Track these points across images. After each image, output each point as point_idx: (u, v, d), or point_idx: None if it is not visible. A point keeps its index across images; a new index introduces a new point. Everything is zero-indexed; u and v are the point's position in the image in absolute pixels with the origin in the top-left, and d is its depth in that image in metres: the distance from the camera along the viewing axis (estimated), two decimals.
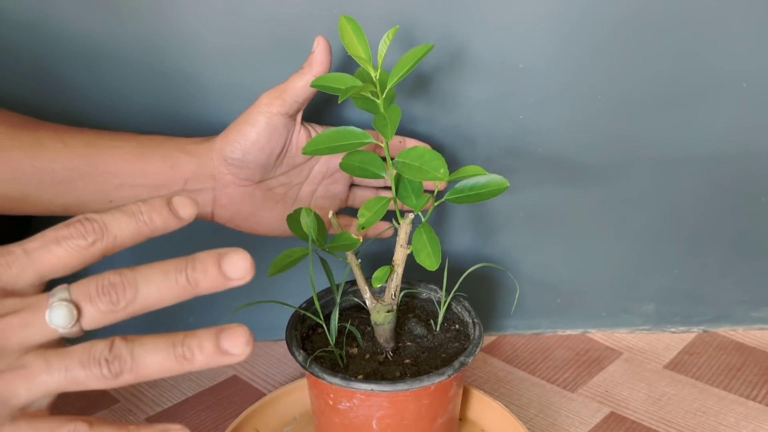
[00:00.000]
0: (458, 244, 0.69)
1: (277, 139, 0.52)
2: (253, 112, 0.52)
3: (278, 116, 0.51)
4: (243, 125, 0.52)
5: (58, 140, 0.50)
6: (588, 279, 0.72)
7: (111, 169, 0.51)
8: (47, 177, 0.49)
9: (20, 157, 0.48)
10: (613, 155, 0.66)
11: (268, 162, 0.53)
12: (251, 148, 0.52)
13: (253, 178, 0.54)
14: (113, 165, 0.51)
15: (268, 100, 0.51)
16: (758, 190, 0.68)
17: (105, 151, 0.51)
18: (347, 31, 0.46)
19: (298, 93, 0.51)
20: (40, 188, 0.49)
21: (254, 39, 0.59)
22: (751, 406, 0.63)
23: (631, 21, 0.60)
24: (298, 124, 0.53)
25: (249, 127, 0.52)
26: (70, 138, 0.50)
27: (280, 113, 0.51)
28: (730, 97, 0.63)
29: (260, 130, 0.51)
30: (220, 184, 0.53)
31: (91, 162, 0.50)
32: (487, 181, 0.48)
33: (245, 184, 0.54)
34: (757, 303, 0.73)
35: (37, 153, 0.49)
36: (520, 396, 0.65)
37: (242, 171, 0.53)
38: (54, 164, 0.49)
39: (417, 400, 0.48)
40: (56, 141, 0.50)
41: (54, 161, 0.49)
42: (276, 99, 0.51)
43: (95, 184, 0.51)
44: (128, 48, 0.59)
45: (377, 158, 0.49)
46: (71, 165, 0.50)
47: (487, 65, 0.61)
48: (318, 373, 0.48)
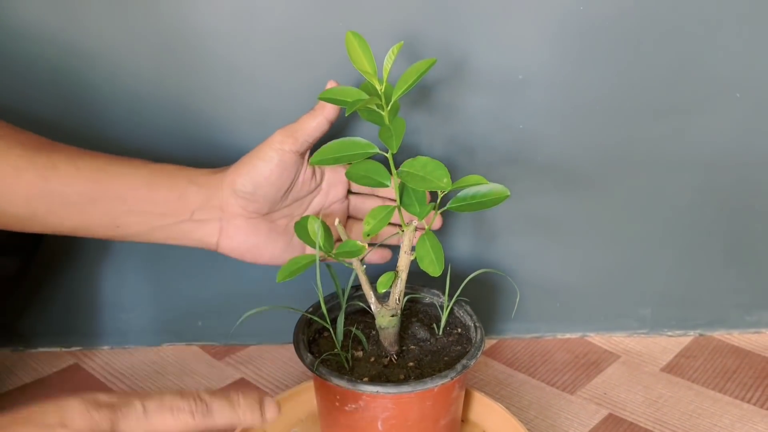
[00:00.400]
0: (460, 251, 0.70)
1: (287, 175, 0.54)
2: (266, 149, 0.54)
3: (290, 154, 0.53)
4: (256, 160, 0.54)
5: (71, 164, 0.51)
6: (586, 284, 0.73)
7: (120, 196, 0.52)
8: (58, 199, 0.50)
9: (34, 178, 0.50)
10: (611, 163, 0.67)
11: (276, 196, 0.55)
12: (263, 182, 0.54)
13: (260, 211, 0.55)
14: (123, 191, 0.52)
15: (282, 138, 0.53)
16: (752, 196, 0.69)
17: (116, 177, 0.52)
18: (353, 46, 0.48)
19: (309, 133, 0.53)
20: (50, 210, 0.51)
21: (263, 55, 0.61)
22: (746, 407, 0.64)
23: (628, 33, 0.61)
24: (306, 162, 0.56)
25: (262, 162, 0.53)
26: (83, 162, 0.52)
27: (292, 151, 0.53)
28: (725, 106, 0.65)
29: (273, 166, 0.53)
30: (227, 215, 0.55)
31: (101, 187, 0.52)
32: (488, 190, 0.49)
33: (252, 216, 0.55)
34: (751, 307, 0.74)
35: (51, 175, 0.50)
36: (521, 398, 0.66)
37: (251, 204, 0.55)
38: (66, 188, 0.51)
39: (421, 401, 0.50)
40: (69, 165, 0.51)
41: (66, 185, 0.51)
42: (289, 137, 0.53)
43: (104, 209, 0.52)
44: (143, 62, 0.61)
45: (382, 167, 0.51)
46: (82, 189, 0.51)
47: (487, 77, 0.63)
48: (325, 375, 0.49)
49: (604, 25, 0.61)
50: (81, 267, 0.70)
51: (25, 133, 0.52)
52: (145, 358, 0.72)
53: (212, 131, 0.64)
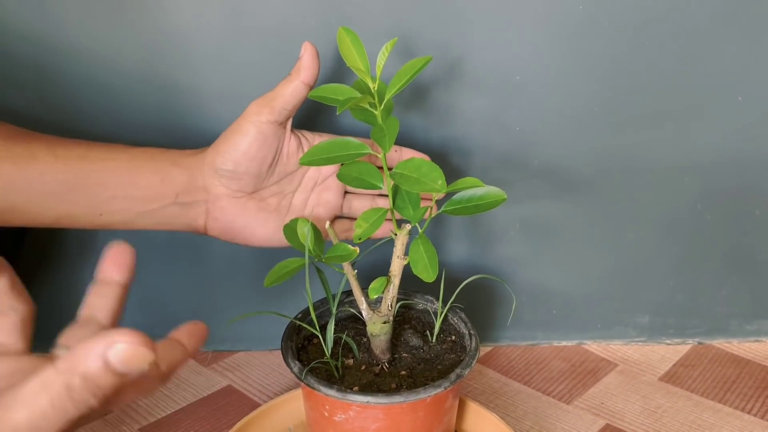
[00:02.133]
0: (454, 256, 0.69)
1: (268, 147, 0.52)
2: (242, 122, 0.51)
3: (268, 124, 0.51)
4: (232, 135, 0.52)
5: (49, 153, 0.50)
6: (583, 290, 0.72)
7: (102, 182, 0.51)
8: (38, 189, 0.49)
9: (11, 169, 0.48)
10: (609, 168, 0.66)
11: (260, 172, 0.53)
12: (242, 158, 0.52)
13: (246, 189, 0.53)
14: (104, 178, 0.51)
15: (257, 109, 0.51)
16: (752, 203, 0.68)
17: (96, 163, 0.51)
18: (346, 42, 0.46)
19: (287, 100, 0.51)
20: (30, 200, 0.49)
21: (253, 51, 0.59)
22: (747, 419, 0.63)
23: (628, 34, 0.60)
24: (288, 132, 0.53)
25: (239, 137, 0.51)
26: (62, 150, 0.50)
27: (270, 121, 0.51)
28: (726, 110, 0.64)
29: (250, 139, 0.51)
30: (212, 197, 0.53)
31: (82, 175, 0.50)
32: (484, 192, 0.48)
33: (238, 195, 0.53)
34: (751, 315, 0.73)
35: (28, 165, 0.49)
36: (516, 408, 0.64)
37: (234, 182, 0.53)
38: (45, 176, 0.49)
39: (413, 412, 0.48)
40: (48, 153, 0.49)
41: (45, 174, 0.49)
42: (264, 107, 0.51)
43: (86, 197, 0.50)
44: (127, 59, 0.59)
45: (375, 169, 0.49)
46: (62, 177, 0.50)
47: (484, 77, 0.61)
48: (313, 384, 0.48)
49: (603, 27, 0.60)
50: (62, 272, 0.68)
51: (1, 124, 0.50)
52: None
53: (199, 127, 0.62)
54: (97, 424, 0.62)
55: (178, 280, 0.70)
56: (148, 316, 0.71)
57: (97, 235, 0.67)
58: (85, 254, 0.68)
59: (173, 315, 0.71)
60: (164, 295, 0.70)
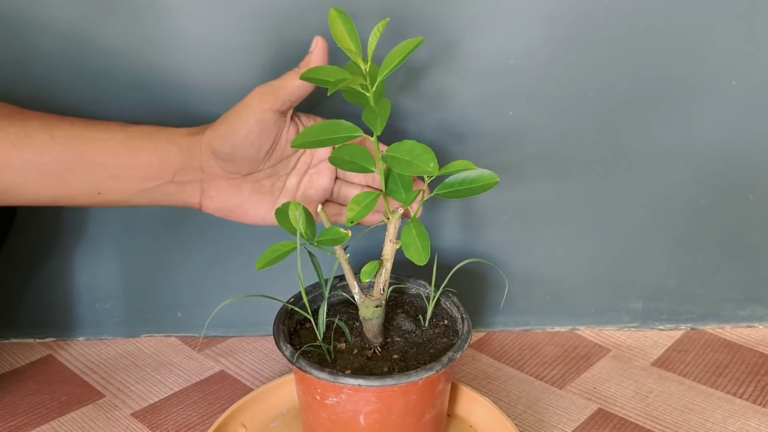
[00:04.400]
0: (447, 240, 0.69)
1: (268, 135, 0.52)
2: (243, 108, 0.51)
3: (270, 113, 0.50)
4: (233, 120, 0.51)
5: (45, 132, 0.49)
6: (577, 276, 0.72)
7: (100, 162, 0.50)
8: (35, 169, 0.49)
9: (7, 149, 0.48)
10: (603, 153, 0.66)
11: (257, 157, 0.53)
12: (241, 143, 0.51)
13: (241, 171, 0.53)
14: (102, 157, 0.50)
15: (261, 97, 0.50)
16: (747, 188, 0.68)
17: (93, 143, 0.50)
18: (337, 23, 0.46)
19: (292, 91, 0.50)
20: (27, 180, 0.49)
21: (244, 33, 0.59)
22: (738, 403, 0.63)
23: (622, 19, 0.60)
24: (288, 120, 0.53)
25: (239, 123, 0.51)
26: (59, 130, 0.50)
27: (272, 110, 0.50)
28: (720, 95, 0.64)
29: (251, 126, 0.51)
30: (208, 176, 0.53)
31: (79, 154, 0.50)
32: (477, 175, 0.47)
33: (233, 177, 0.53)
34: (744, 301, 0.73)
35: (25, 145, 0.48)
36: (509, 392, 0.65)
37: (231, 165, 0.52)
38: (42, 156, 0.49)
39: (405, 395, 0.48)
40: (44, 133, 0.49)
41: (42, 153, 0.49)
42: (268, 95, 0.50)
43: (84, 176, 0.50)
44: (115, 42, 0.59)
45: (367, 152, 0.49)
46: (59, 157, 0.49)
47: (477, 61, 0.61)
48: (305, 367, 0.47)
49: (598, 11, 0.60)
50: (55, 257, 0.68)
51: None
52: (122, 350, 0.70)
53: (189, 111, 0.62)
54: (89, 410, 0.62)
55: (171, 266, 0.69)
56: (140, 302, 0.71)
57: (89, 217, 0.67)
58: (77, 240, 0.68)
59: (165, 300, 0.71)
60: (156, 281, 0.70)
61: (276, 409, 0.59)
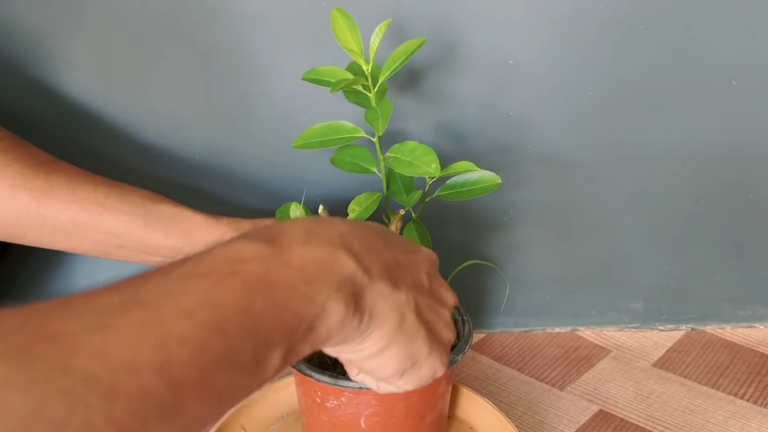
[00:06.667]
0: (448, 241, 0.68)
1: None
2: None
3: None
4: None
5: (69, 191, 0.49)
6: (577, 277, 0.71)
7: (114, 232, 0.51)
8: (50, 224, 0.49)
9: (28, 200, 0.48)
10: (603, 153, 0.66)
11: None
12: None
13: None
14: (117, 229, 0.51)
15: None
16: (746, 188, 0.68)
17: (112, 214, 0.50)
18: (339, 23, 0.45)
19: None
20: (41, 232, 0.49)
21: (245, 34, 0.58)
22: (739, 404, 0.63)
23: (622, 18, 0.60)
24: None
25: None
26: (82, 191, 0.50)
27: None
28: (720, 94, 0.63)
29: None
30: None
31: (96, 221, 0.50)
32: (478, 177, 0.47)
33: None
34: (744, 301, 0.73)
35: (46, 200, 0.48)
36: (509, 394, 0.64)
37: None
38: (59, 215, 0.49)
39: (405, 398, 0.48)
40: (67, 192, 0.49)
41: (60, 212, 0.49)
42: None
43: (96, 240, 0.51)
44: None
45: (368, 153, 0.49)
46: (76, 219, 0.49)
47: (477, 61, 0.61)
48: (305, 371, 0.47)
49: (598, 11, 0.59)
50: (53, 263, 0.67)
51: (27, 148, 0.50)
52: None
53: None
54: None
55: None
56: None
57: None
58: None
59: None
60: None
61: (276, 411, 0.59)
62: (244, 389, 0.29)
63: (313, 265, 0.32)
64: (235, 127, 0.62)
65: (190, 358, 0.25)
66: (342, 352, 0.36)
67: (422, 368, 0.38)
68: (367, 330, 0.35)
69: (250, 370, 0.28)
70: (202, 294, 0.28)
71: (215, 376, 0.26)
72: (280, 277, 0.31)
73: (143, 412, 0.23)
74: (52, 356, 0.22)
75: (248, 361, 0.28)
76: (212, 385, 0.26)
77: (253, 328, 0.28)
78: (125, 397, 0.23)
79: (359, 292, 0.34)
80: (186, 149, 0.63)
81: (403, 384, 0.39)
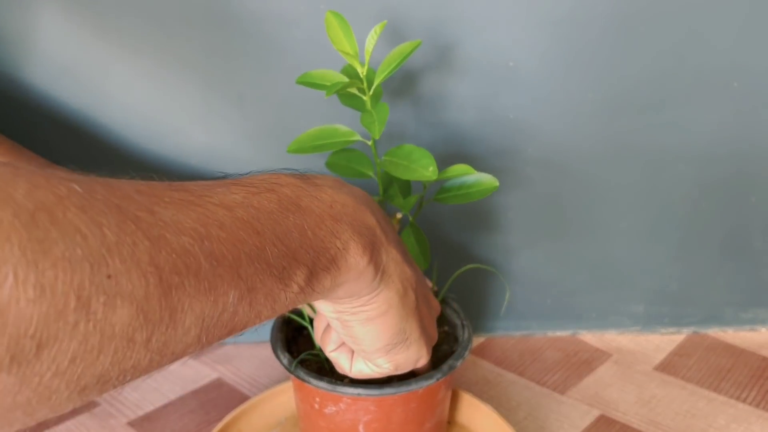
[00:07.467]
0: (447, 245, 0.68)
1: None
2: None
3: None
4: None
5: None
6: (577, 280, 0.71)
7: None
8: None
9: None
10: (603, 155, 0.65)
11: None
12: None
13: None
14: None
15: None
16: (748, 189, 0.67)
17: None
18: (334, 26, 0.45)
19: None
20: None
21: (237, 36, 0.58)
22: (741, 407, 0.62)
23: (623, 19, 0.59)
24: None
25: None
26: None
27: None
28: (722, 96, 0.63)
29: None
30: None
31: None
32: (476, 180, 0.47)
33: None
34: (747, 304, 0.72)
35: None
36: (510, 399, 0.64)
37: None
38: None
39: (405, 404, 0.47)
40: None
41: None
42: None
43: None
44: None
45: (364, 157, 0.48)
46: None
47: (476, 63, 0.60)
48: (303, 376, 0.47)
49: (598, 12, 0.59)
50: None
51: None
52: None
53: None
54: (84, 419, 0.61)
55: None
56: None
57: None
58: None
59: None
60: None
61: (274, 417, 0.58)
62: (270, 297, 0.30)
63: (340, 206, 0.34)
64: (231, 131, 0.62)
65: (227, 240, 0.27)
66: (344, 311, 0.37)
67: (410, 347, 0.40)
68: (377, 288, 0.36)
69: (278, 275, 0.30)
70: (241, 197, 0.30)
71: (248, 268, 0.28)
72: (311, 205, 0.33)
73: (181, 270, 0.25)
74: (108, 194, 0.24)
75: (277, 267, 0.30)
76: (245, 276, 0.28)
77: (283, 238, 0.30)
78: (168, 249, 0.25)
79: (377, 245, 0.36)
80: (181, 154, 0.63)
81: (384, 362, 0.40)
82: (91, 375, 0.23)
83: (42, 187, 0.22)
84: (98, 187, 0.24)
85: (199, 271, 0.26)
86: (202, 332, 0.27)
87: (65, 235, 0.21)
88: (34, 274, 0.20)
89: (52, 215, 0.21)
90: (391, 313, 0.38)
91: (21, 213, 0.20)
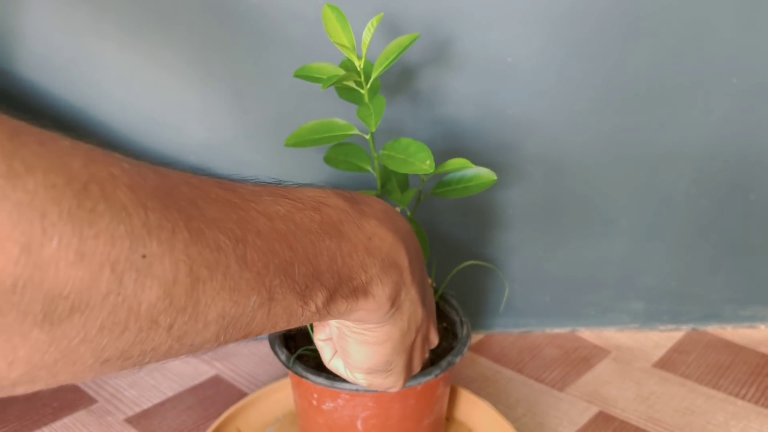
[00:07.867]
0: (446, 242, 0.68)
1: None
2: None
3: None
4: None
5: None
6: (577, 277, 0.71)
7: None
8: None
9: None
10: (603, 152, 0.65)
11: None
12: None
13: None
14: None
15: None
16: (747, 187, 0.67)
17: None
18: (331, 19, 0.45)
19: None
20: None
21: (236, 30, 0.58)
22: (740, 404, 0.62)
23: (621, 15, 0.59)
24: None
25: None
26: None
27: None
28: (721, 92, 0.63)
29: None
30: None
31: None
32: (474, 174, 0.47)
33: None
34: (745, 301, 0.72)
35: None
36: (508, 395, 0.64)
37: None
38: None
39: (403, 400, 0.47)
40: None
41: None
42: None
43: None
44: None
45: (362, 151, 0.48)
46: None
47: (474, 59, 0.60)
48: (301, 372, 0.46)
49: (597, 8, 0.59)
50: None
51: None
52: None
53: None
54: (82, 415, 0.61)
55: None
56: None
57: None
58: None
59: None
60: None
61: (272, 413, 0.58)
62: (288, 310, 0.30)
63: (378, 240, 0.35)
64: (229, 125, 0.62)
65: (260, 248, 0.28)
66: (346, 326, 0.38)
67: (389, 377, 0.41)
68: (388, 321, 0.37)
69: (300, 292, 0.30)
70: (285, 210, 0.31)
71: (274, 278, 0.29)
72: (351, 233, 0.33)
73: (212, 266, 0.26)
74: (159, 181, 0.25)
75: (301, 284, 0.30)
76: (269, 285, 0.28)
77: (313, 259, 0.31)
78: (204, 243, 0.25)
79: (400, 285, 0.36)
80: (180, 149, 0.62)
81: (361, 378, 0.41)
82: (114, 348, 0.24)
83: (98, 162, 0.23)
84: (150, 173, 0.25)
85: (227, 270, 0.26)
86: (221, 330, 0.27)
87: (112, 210, 0.22)
88: (77, 240, 0.21)
89: (103, 189, 0.22)
90: (387, 345, 0.38)
91: (74, 181, 0.21)
